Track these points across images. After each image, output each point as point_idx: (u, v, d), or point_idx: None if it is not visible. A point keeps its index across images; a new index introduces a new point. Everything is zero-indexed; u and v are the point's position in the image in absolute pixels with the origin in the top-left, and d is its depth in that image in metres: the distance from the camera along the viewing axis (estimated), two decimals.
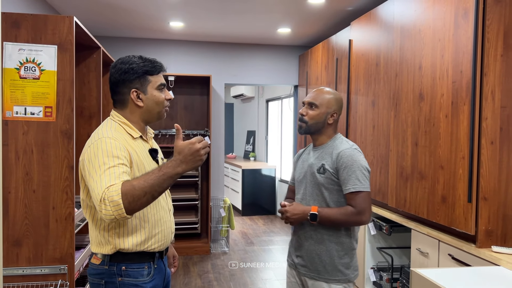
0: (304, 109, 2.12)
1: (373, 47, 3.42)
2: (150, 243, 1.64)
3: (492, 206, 2.24)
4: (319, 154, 2.09)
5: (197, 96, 5.47)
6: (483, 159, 2.23)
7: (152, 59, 1.70)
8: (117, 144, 1.53)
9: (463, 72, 2.33)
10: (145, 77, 1.66)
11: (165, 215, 1.73)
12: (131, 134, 1.65)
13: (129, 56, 1.69)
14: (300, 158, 2.25)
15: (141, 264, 1.63)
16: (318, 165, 2.05)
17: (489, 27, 2.21)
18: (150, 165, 1.67)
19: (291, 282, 2.18)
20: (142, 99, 1.66)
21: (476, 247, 2.25)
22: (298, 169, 2.21)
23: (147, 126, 1.76)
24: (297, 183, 2.18)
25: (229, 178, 8.02)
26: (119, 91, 1.67)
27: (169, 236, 1.74)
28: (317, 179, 2.04)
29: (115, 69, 1.67)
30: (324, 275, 2.00)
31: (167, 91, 1.74)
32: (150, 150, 1.72)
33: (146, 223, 1.63)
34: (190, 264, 4.71)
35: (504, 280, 1.88)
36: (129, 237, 1.59)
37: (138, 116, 1.68)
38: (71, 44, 2.41)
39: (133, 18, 4.39)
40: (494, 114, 2.23)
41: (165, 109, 1.72)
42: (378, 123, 3.31)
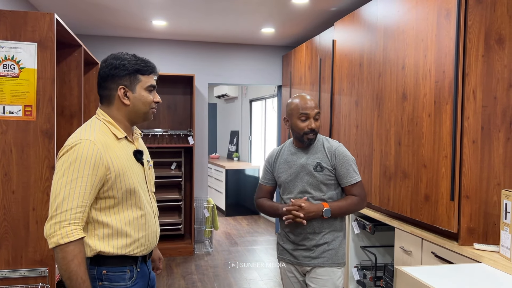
0: (313, 122, 2.17)
1: (357, 48, 3.44)
2: (133, 247, 1.59)
3: (474, 204, 2.28)
4: (310, 154, 2.22)
5: (180, 96, 5.43)
6: (465, 158, 2.26)
7: (146, 59, 1.66)
8: (95, 153, 1.48)
9: (445, 72, 2.36)
10: (135, 75, 1.61)
11: (150, 219, 1.67)
12: (115, 134, 1.60)
13: (122, 53, 1.64)
14: (279, 159, 2.31)
15: (123, 268, 1.58)
16: (313, 164, 2.19)
17: (470, 28, 2.24)
18: (134, 167, 1.61)
19: (289, 278, 2.27)
20: (129, 97, 1.61)
21: (459, 244, 2.28)
22: (283, 170, 2.27)
23: (134, 126, 1.72)
24: (287, 183, 2.25)
25: (212, 178, 7.99)
26: (106, 86, 1.61)
27: (153, 240, 1.69)
28: (315, 177, 2.18)
29: (106, 63, 1.61)
30: (335, 261, 2.20)
31: (156, 94, 1.70)
32: (134, 152, 1.66)
33: (130, 226, 1.57)
34: (174, 265, 4.66)
35: (486, 277, 1.91)
36: (110, 240, 1.54)
37: (124, 115, 1.63)
38: (52, 41, 2.35)
39: (115, 16, 4.32)
40: (476, 113, 2.26)
41: (152, 110, 1.67)
42: (361, 123, 3.33)
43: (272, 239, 5.78)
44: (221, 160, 8.34)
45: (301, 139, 2.21)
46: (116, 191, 1.53)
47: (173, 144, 5.09)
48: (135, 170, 1.61)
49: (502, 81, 2.28)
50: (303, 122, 2.17)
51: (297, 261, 2.23)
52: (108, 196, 1.53)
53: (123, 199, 1.55)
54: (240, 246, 5.44)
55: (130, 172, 1.57)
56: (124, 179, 1.54)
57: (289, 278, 2.28)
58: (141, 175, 1.65)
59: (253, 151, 7.78)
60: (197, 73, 5.40)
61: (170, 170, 5.24)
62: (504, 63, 2.28)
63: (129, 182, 1.56)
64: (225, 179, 7.23)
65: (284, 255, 2.29)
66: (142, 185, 1.65)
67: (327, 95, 4.08)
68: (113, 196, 1.53)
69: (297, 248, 2.22)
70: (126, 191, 1.55)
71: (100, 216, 1.53)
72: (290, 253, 2.25)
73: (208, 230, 5.29)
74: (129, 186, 1.56)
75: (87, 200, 1.46)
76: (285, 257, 2.28)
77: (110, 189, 1.52)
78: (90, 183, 1.46)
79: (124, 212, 1.56)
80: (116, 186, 1.53)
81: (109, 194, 1.52)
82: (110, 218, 1.54)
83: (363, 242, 3.42)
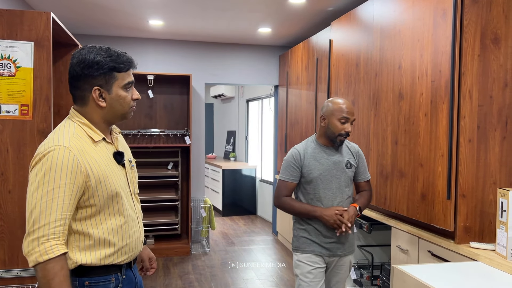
0: (350, 126, 2.33)
1: (353, 47, 3.45)
2: (117, 255, 1.48)
3: (470, 203, 2.29)
4: (339, 152, 2.42)
5: (177, 96, 5.42)
6: (461, 157, 2.27)
7: (121, 54, 1.48)
8: (71, 159, 1.36)
9: (442, 71, 2.37)
10: (111, 73, 1.45)
11: (134, 225, 1.55)
12: (92, 137, 1.46)
13: (95, 47, 1.46)
14: (307, 155, 2.38)
15: (107, 277, 1.46)
16: (344, 161, 2.40)
17: (466, 27, 2.25)
18: (115, 170, 1.49)
19: (316, 268, 2.37)
20: (105, 99, 1.46)
21: (455, 243, 2.29)
22: (314, 166, 2.36)
23: (112, 126, 1.59)
24: (320, 179, 2.36)
25: (209, 178, 7.98)
26: (79, 86, 1.45)
27: (138, 247, 1.58)
28: (347, 174, 2.40)
29: (76, 60, 1.43)
30: (351, 250, 2.46)
31: (135, 90, 1.54)
32: (114, 154, 1.53)
33: (113, 235, 1.46)
34: (170, 265, 4.65)
35: (483, 275, 1.92)
36: (92, 251, 1.42)
37: (100, 117, 1.49)
38: (48, 40, 2.34)
39: (112, 16, 4.32)
40: (472, 112, 2.28)
41: (131, 109, 1.53)
42: (358, 123, 3.34)
43: (269, 238, 5.78)
44: (218, 160, 8.33)
45: (333, 139, 2.35)
46: (97, 199, 1.42)
47: (169, 144, 5.09)
48: (116, 174, 1.49)
49: (497, 80, 2.29)
50: (342, 124, 2.32)
51: (329, 253, 2.38)
52: (89, 205, 1.41)
53: (105, 206, 1.44)
54: (237, 246, 5.44)
55: (111, 176, 1.46)
56: (106, 185, 1.43)
57: (316, 269, 2.37)
58: (123, 178, 1.53)
59: (250, 151, 7.78)
60: (194, 73, 5.40)
61: (166, 170, 5.24)
62: (499, 63, 2.29)
63: (111, 187, 1.44)
64: (222, 179, 7.23)
65: (314, 247, 2.37)
66: (125, 188, 1.53)
67: (323, 95, 4.09)
68: (94, 204, 1.42)
69: (330, 242, 2.36)
70: (108, 197, 1.44)
71: (81, 226, 1.41)
72: (322, 246, 2.37)
73: (205, 230, 5.29)
74: (111, 192, 1.45)
75: (67, 211, 1.34)
76: (315, 249, 2.37)
77: (91, 197, 1.40)
78: (68, 193, 1.34)
79: (106, 220, 1.45)
80: (98, 193, 1.41)
81: (90, 203, 1.41)
82: (92, 228, 1.42)
83: (360, 241, 3.43)
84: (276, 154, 5.87)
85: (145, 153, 5.23)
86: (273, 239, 5.76)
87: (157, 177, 5.18)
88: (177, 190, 5.29)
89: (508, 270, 1.94)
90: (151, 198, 5.07)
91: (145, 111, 5.31)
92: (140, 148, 5.13)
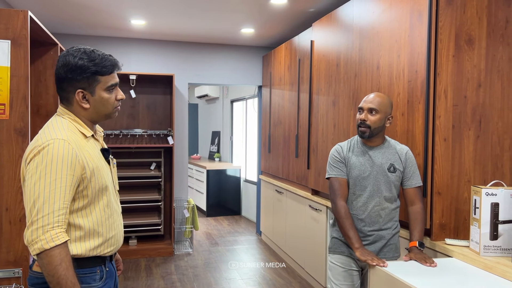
0: (364, 114, 2.22)
1: (334, 48, 3.49)
2: (104, 247, 1.54)
3: (445, 201, 2.34)
4: (383, 154, 2.26)
5: (160, 96, 5.40)
6: (436, 155, 2.32)
7: (105, 56, 1.53)
8: (71, 152, 1.42)
9: (418, 72, 2.42)
10: (94, 77, 1.50)
11: (118, 218, 1.64)
12: (83, 133, 1.53)
13: (79, 50, 1.51)
14: (350, 153, 2.30)
15: (93, 269, 1.53)
16: (387, 164, 2.25)
17: (441, 29, 2.30)
18: (104, 166, 1.56)
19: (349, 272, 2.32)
20: (88, 100, 1.52)
21: (431, 240, 2.33)
22: (355, 166, 2.27)
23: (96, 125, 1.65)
24: (359, 180, 2.26)
25: (193, 179, 7.96)
26: (63, 88, 1.52)
27: (120, 240, 1.66)
28: (388, 177, 2.24)
29: (61, 63, 1.49)
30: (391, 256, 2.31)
31: (119, 90, 1.60)
32: (102, 150, 1.60)
33: (102, 227, 1.53)
34: (153, 266, 4.63)
35: (457, 271, 1.97)
36: (83, 242, 1.49)
37: (84, 117, 1.55)
38: (26, 39, 2.32)
39: (93, 15, 4.28)
40: (447, 112, 2.32)
41: (115, 109, 1.59)
42: (338, 122, 3.38)
43: (252, 238, 5.80)
44: (203, 160, 8.32)
45: (357, 131, 2.27)
46: (90, 191, 1.48)
47: (152, 144, 5.07)
48: (104, 169, 1.56)
49: (471, 80, 2.34)
50: (358, 115, 2.26)
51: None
52: (82, 196, 1.47)
53: (95, 198, 1.51)
54: (220, 246, 5.44)
55: (102, 170, 1.54)
56: (98, 178, 1.50)
57: (348, 271, 2.31)
58: (109, 174, 1.61)
59: (235, 151, 7.79)
60: (177, 73, 5.39)
61: (149, 171, 5.21)
62: (473, 63, 2.34)
63: (101, 180, 1.52)
64: (206, 179, 7.22)
65: (344, 248, 2.32)
66: (110, 183, 1.61)
67: (305, 95, 4.12)
68: (86, 196, 1.48)
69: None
70: (99, 189, 1.51)
71: (72, 218, 1.47)
72: None
73: (188, 230, 5.28)
74: (102, 185, 1.52)
75: (68, 201, 1.41)
76: (345, 250, 2.32)
77: (85, 189, 1.47)
78: (69, 183, 1.40)
79: (95, 212, 1.52)
80: (91, 185, 1.48)
81: (83, 194, 1.47)
82: (83, 219, 1.48)
83: None
84: (260, 154, 5.89)
85: (128, 154, 5.20)
86: (257, 239, 5.77)
87: (139, 178, 5.15)
88: (160, 191, 5.27)
89: (481, 266, 1.98)
90: (133, 199, 5.04)
91: (128, 111, 5.28)
92: (123, 148, 5.10)
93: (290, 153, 4.55)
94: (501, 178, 2.38)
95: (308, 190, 4.08)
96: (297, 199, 4.35)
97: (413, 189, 2.26)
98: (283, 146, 4.81)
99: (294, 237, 4.46)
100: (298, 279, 4.23)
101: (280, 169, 4.90)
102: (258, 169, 5.96)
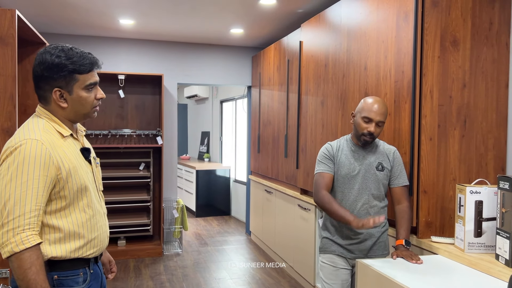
0: (373, 127, 2.23)
1: (322, 49, 3.52)
2: (86, 249, 1.51)
3: (431, 199, 2.38)
4: (372, 153, 2.32)
5: (149, 96, 5.39)
6: (422, 154, 2.36)
7: (83, 54, 1.49)
8: (44, 152, 1.38)
9: (404, 72, 2.45)
10: (72, 75, 1.46)
11: (101, 219, 1.60)
12: (60, 132, 1.49)
13: (57, 48, 1.47)
14: (340, 152, 2.34)
15: (75, 271, 1.49)
16: (375, 163, 2.30)
17: (427, 30, 2.34)
18: (83, 166, 1.53)
19: (341, 271, 2.36)
20: (66, 99, 1.49)
21: (418, 238, 2.37)
22: (344, 164, 2.31)
23: (77, 124, 1.62)
24: (347, 178, 2.31)
25: (183, 179, 7.95)
26: (41, 86, 1.48)
27: (105, 241, 1.62)
28: (377, 176, 2.29)
29: (38, 61, 1.46)
30: (380, 253, 2.37)
31: (99, 89, 1.56)
32: (82, 149, 1.57)
33: (83, 228, 1.50)
34: (142, 267, 4.62)
35: (441, 267, 2.00)
36: (62, 244, 1.45)
37: (62, 116, 1.51)
38: (13, 38, 2.31)
39: (82, 15, 4.26)
40: (433, 112, 2.36)
41: (94, 109, 1.55)
42: (327, 122, 3.41)
43: (242, 238, 5.81)
44: (192, 161, 8.31)
45: (358, 138, 2.29)
46: (68, 191, 1.45)
47: (141, 145, 5.05)
48: (84, 168, 1.53)
49: (456, 81, 2.39)
50: (365, 124, 2.24)
51: (352, 254, 2.33)
52: (60, 197, 1.44)
53: (74, 199, 1.47)
54: (210, 246, 5.44)
55: (80, 170, 1.50)
56: (75, 178, 1.46)
57: (339, 270, 2.35)
58: (90, 174, 1.57)
59: (224, 152, 7.79)
60: (166, 73, 5.38)
61: (138, 171, 5.20)
62: (458, 64, 2.39)
63: (80, 181, 1.48)
64: (196, 180, 7.21)
65: (335, 247, 2.35)
66: (92, 183, 1.58)
67: (294, 95, 4.15)
68: (64, 197, 1.44)
69: (351, 243, 2.32)
70: (78, 190, 1.47)
71: (51, 219, 1.43)
72: (343, 246, 2.34)
73: (177, 230, 5.27)
74: (80, 185, 1.48)
75: (41, 203, 1.37)
76: (336, 249, 2.35)
77: (62, 190, 1.43)
78: (42, 184, 1.37)
79: (75, 213, 1.48)
80: (68, 186, 1.44)
81: (61, 195, 1.44)
82: (62, 220, 1.45)
83: None
84: (249, 155, 5.91)
85: (117, 154, 5.17)
86: (246, 239, 5.79)
87: (128, 178, 5.13)
88: (149, 191, 5.26)
89: (465, 262, 2.02)
90: (122, 199, 5.02)
91: (116, 111, 5.26)
92: (111, 148, 5.07)
93: (279, 153, 4.58)
94: (486, 177, 2.43)
95: (297, 189, 4.11)
96: (286, 198, 4.37)
97: (400, 188, 2.30)
98: (272, 146, 4.84)
99: (283, 236, 4.48)
100: (287, 278, 4.25)
101: (269, 169, 4.92)
102: (247, 169, 5.97)
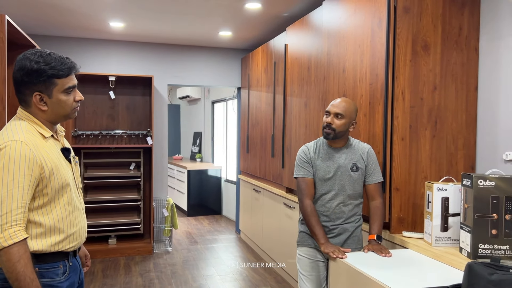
0: (330, 118, 2.35)
1: (306, 52, 3.63)
2: (65, 243, 1.60)
3: (403, 196, 2.49)
4: (346, 155, 2.40)
5: (139, 97, 5.48)
6: (395, 154, 2.47)
7: (61, 59, 1.56)
8: (28, 153, 1.47)
9: (378, 75, 2.57)
10: (51, 80, 1.54)
11: (80, 215, 1.69)
12: (42, 133, 1.57)
13: (35, 53, 1.54)
14: (316, 155, 2.43)
15: (55, 264, 1.58)
16: (350, 164, 2.38)
17: (399, 35, 2.46)
18: (63, 165, 1.61)
19: (317, 263, 2.45)
20: (46, 103, 1.56)
21: (390, 233, 2.48)
22: (321, 167, 2.40)
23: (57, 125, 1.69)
24: (324, 180, 2.40)
25: (174, 179, 8.03)
26: (21, 91, 1.55)
27: (83, 236, 1.71)
28: (352, 177, 2.38)
29: (17, 67, 1.53)
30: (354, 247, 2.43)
31: (77, 91, 1.64)
32: (62, 149, 1.65)
33: (63, 223, 1.59)
34: (132, 264, 4.71)
35: (411, 261, 2.12)
36: (43, 238, 1.54)
37: (43, 118, 1.59)
38: (3, 42, 2.40)
39: (71, 17, 4.35)
40: (404, 113, 2.48)
41: (73, 110, 1.63)
42: (309, 123, 3.52)
43: (232, 237, 5.91)
44: (184, 161, 8.40)
45: (323, 132, 2.39)
46: (50, 189, 1.53)
47: (132, 145, 5.15)
48: (65, 167, 1.62)
49: (427, 83, 2.50)
50: (325, 117, 2.38)
51: None
52: (42, 195, 1.53)
53: (56, 196, 1.56)
54: (200, 244, 5.54)
55: (61, 169, 1.58)
56: (57, 177, 1.55)
57: (315, 262, 2.45)
58: (70, 172, 1.66)
59: (216, 152, 7.89)
60: (156, 74, 5.48)
61: (129, 171, 5.29)
62: (429, 68, 2.50)
63: (61, 179, 1.57)
64: (187, 179, 7.31)
65: (311, 241, 2.44)
66: (72, 181, 1.66)
67: (280, 97, 4.26)
68: (46, 194, 1.53)
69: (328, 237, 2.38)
70: (59, 188, 1.56)
71: (33, 215, 1.52)
72: None
73: (167, 229, 5.36)
74: (62, 183, 1.57)
75: (26, 200, 1.46)
76: (312, 243, 2.44)
77: (44, 188, 1.52)
78: (27, 183, 1.45)
79: (56, 209, 1.57)
80: (51, 184, 1.53)
81: (43, 192, 1.53)
82: (43, 217, 1.54)
83: None
84: (239, 155, 6.01)
85: (108, 154, 5.27)
86: (236, 237, 5.89)
87: (119, 177, 5.22)
88: (139, 190, 5.35)
89: (432, 255, 2.14)
90: (113, 198, 5.11)
91: (107, 112, 5.35)
92: (102, 148, 5.16)
93: (267, 153, 4.69)
94: (456, 175, 2.54)
95: (283, 188, 4.22)
96: (273, 197, 4.48)
97: (373, 185, 2.40)
98: (260, 146, 4.94)
99: (270, 234, 4.59)
100: (274, 275, 4.36)
101: (257, 169, 5.03)
102: (237, 169, 6.07)
